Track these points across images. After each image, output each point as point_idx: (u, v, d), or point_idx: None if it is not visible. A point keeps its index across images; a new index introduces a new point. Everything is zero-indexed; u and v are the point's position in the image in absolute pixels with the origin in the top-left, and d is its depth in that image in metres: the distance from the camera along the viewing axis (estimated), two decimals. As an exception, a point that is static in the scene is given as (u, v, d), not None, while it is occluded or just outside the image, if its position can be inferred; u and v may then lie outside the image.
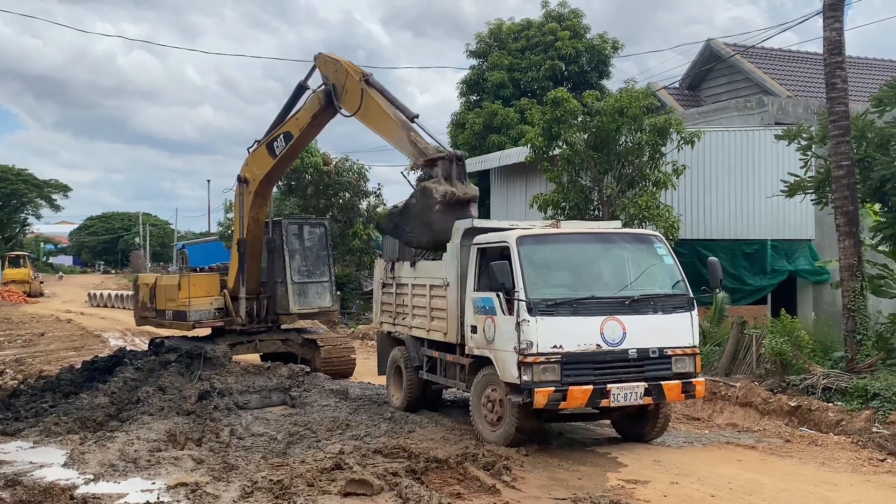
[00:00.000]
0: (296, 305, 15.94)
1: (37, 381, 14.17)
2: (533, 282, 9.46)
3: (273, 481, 8.18)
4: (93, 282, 62.94)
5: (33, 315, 35.07)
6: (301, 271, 16.21)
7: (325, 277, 16.47)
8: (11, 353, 21.57)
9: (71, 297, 49.58)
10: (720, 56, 27.50)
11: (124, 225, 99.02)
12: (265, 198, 15.85)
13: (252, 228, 15.77)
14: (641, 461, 9.35)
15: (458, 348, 10.84)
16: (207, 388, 12.52)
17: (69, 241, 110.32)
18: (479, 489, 8.07)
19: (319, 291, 16.33)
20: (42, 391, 13.24)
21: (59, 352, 21.43)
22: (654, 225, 15.66)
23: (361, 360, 17.55)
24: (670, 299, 9.88)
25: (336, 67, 13.51)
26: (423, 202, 11.49)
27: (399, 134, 12.55)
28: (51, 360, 19.64)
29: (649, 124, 16.17)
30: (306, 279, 16.22)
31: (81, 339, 25.34)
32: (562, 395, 9.15)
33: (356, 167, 31.84)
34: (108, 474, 8.65)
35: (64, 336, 26.15)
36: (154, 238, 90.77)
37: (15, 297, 45.06)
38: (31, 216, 74.51)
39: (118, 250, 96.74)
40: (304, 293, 16.14)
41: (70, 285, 63.35)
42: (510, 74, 27.41)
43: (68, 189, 74.40)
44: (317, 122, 14.24)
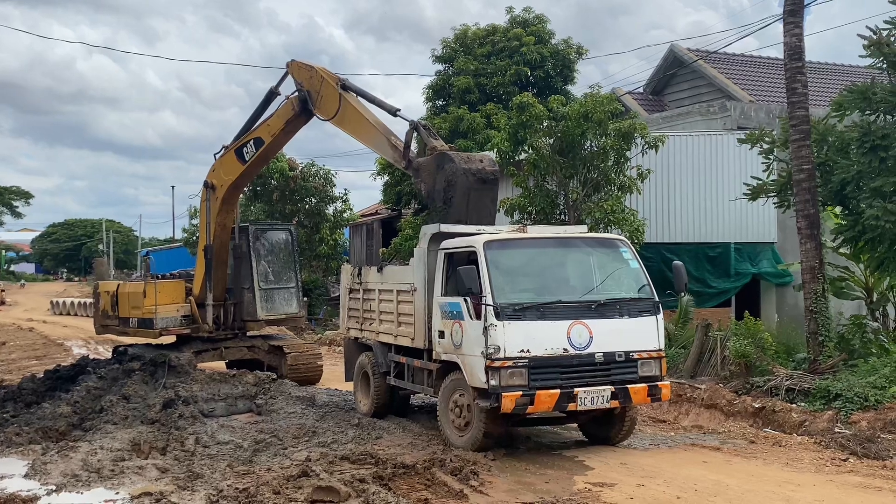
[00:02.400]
0: (263, 311, 15.83)
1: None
2: (500, 286, 9.47)
3: (239, 489, 8.11)
4: (55, 290, 62.07)
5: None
6: (267, 277, 16.09)
7: (292, 283, 16.36)
8: (-29, 362, 21.19)
9: (33, 305, 48.84)
10: (683, 61, 27.78)
11: (87, 232, 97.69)
12: (232, 203, 15.72)
13: (219, 234, 15.62)
14: (608, 464, 9.39)
15: (426, 353, 10.83)
16: (172, 396, 12.36)
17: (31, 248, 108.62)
18: (447, 494, 8.06)
19: (286, 297, 16.22)
20: (3, 401, 13.00)
21: (20, 361, 21.11)
22: (620, 229, 15.77)
23: (329, 367, 17.47)
24: (636, 303, 9.95)
25: (311, 74, 13.42)
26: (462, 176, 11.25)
27: (379, 138, 12.49)
28: (12, 369, 19.33)
29: (614, 129, 16.29)
30: (273, 285, 16.10)
31: (44, 347, 24.97)
32: (529, 399, 9.17)
33: (322, 172, 31.72)
34: (71, 485, 8.54)
35: (25, 345, 25.74)
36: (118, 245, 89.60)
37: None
38: (-9, 223, 73.23)
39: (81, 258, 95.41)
40: (270, 299, 16.02)
41: (32, 293, 62.39)
42: (476, 80, 27.44)
43: (30, 196, 73.13)
44: (289, 128, 14.11)
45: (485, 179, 11.38)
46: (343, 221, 32.82)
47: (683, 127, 22.29)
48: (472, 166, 11.28)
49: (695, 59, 26.98)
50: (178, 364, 13.68)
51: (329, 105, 13.14)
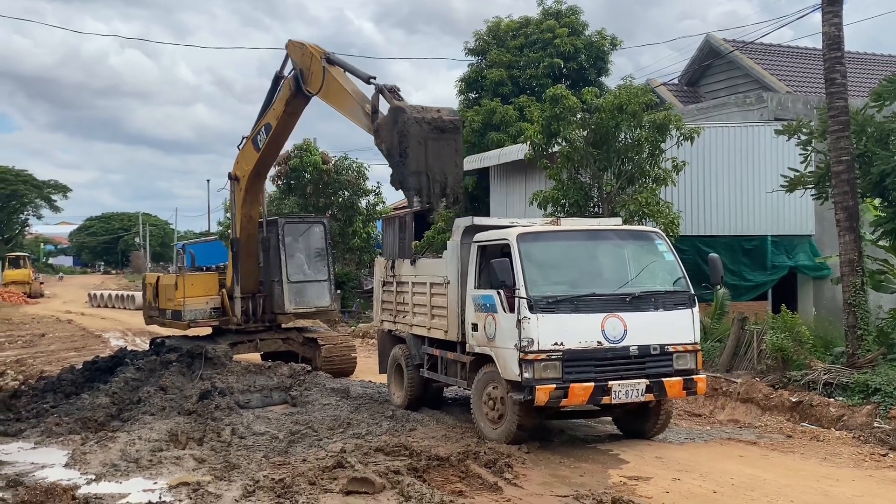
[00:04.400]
0: (291, 305, 15.86)
1: (38, 382, 14.18)
2: (533, 279, 9.46)
3: (275, 480, 8.19)
4: (93, 282, 62.94)
5: (34, 316, 35.07)
6: (298, 270, 16.10)
7: (324, 276, 16.36)
8: (12, 353, 21.56)
9: (71, 297, 49.58)
10: (719, 52, 27.47)
11: (124, 225, 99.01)
12: (256, 194, 15.76)
13: (245, 226, 15.74)
14: (643, 458, 9.35)
15: (459, 346, 10.84)
16: (209, 387, 12.51)
17: (69, 241, 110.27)
18: (481, 487, 8.07)
19: (317, 291, 16.21)
20: (43, 392, 13.23)
21: (59, 352, 21.44)
22: (654, 221, 15.63)
23: (362, 359, 17.55)
24: (671, 296, 9.88)
25: (302, 51, 13.36)
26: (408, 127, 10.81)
27: (355, 107, 12.19)
28: (52, 360, 19.64)
29: (648, 121, 16.14)
30: (303, 278, 16.11)
31: (82, 339, 25.34)
32: (563, 392, 9.15)
33: (355, 165, 31.82)
34: (110, 474, 8.66)
35: (64, 336, 26.15)
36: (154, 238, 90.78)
37: (15, 299, 45.05)
38: (31, 217, 74.49)
39: (118, 251, 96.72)
40: (300, 292, 16.03)
41: (70, 286, 63.35)
42: (509, 72, 27.35)
43: (68, 190, 74.36)
44: (290, 109, 14.08)
45: (442, 128, 10.93)
46: (376, 214, 32.91)
47: (719, 118, 22.05)
48: (427, 115, 10.88)
49: (731, 50, 26.67)
50: (215, 356, 13.82)
51: (316, 80, 13.03)
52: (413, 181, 10.84)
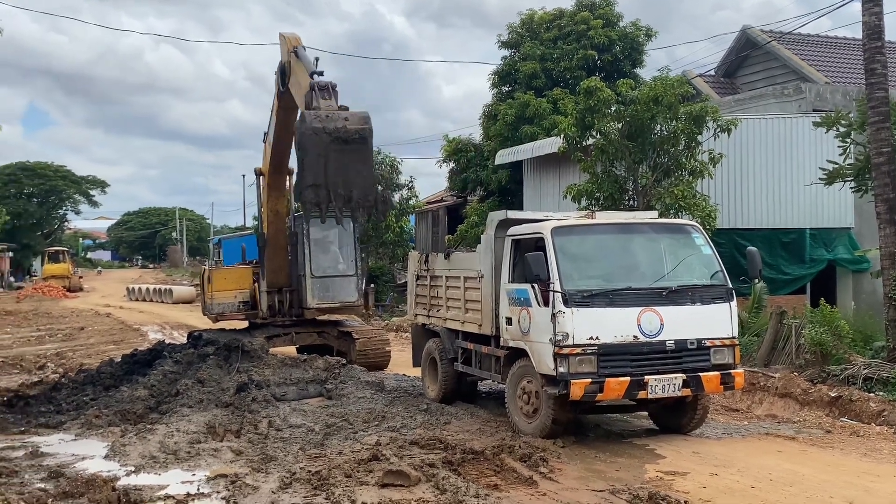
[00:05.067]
0: (314, 299, 15.83)
1: (77, 375, 14.36)
2: (568, 273, 9.41)
3: (311, 472, 8.24)
4: (131, 276, 63.83)
5: (73, 309, 35.62)
6: (322, 265, 16.08)
7: (350, 271, 16.22)
8: (52, 346, 21.93)
9: (110, 291, 50.29)
10: (756, 43, 27.13)
11: (161, 220, 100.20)
12: (279, 189, 15.77)
13: (272, 221, 15.84)
14: (680, 453, 9.28)
15: (493, 340, 10.84)
16: (245, 380, 12.62)
17: (107, 236, 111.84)
18: (516, 481, 8.06)
19: (343, 286, 16.07)
20: (83, 384, 13.40)
21: (98, 345, 21.76)
22: (691, 214, 15.50)
23: (396, 352, 17.60)
24: (709, 290, 9.78)
25: (284, 44, 13.16)
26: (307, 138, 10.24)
27: (301, 98, 11.83)
28: (91, 353, 19.93)
29: (685, 112, 15.99)
30: (328, 273, 16.08)
31: (121, 332, 25.69)
32: (598, 386, 9.10)
33: (388, 160, 31.88)
34: (149, 466, 8.76)
35: (103, 330, 26.53)
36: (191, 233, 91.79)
37: (55, 292, 45.78)
38: (69, 212, 75.58)
39: (155, 245, 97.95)
40: (325, 287, 15.94)
41: (108, 280, 64.29)
42: (542, 65, 27.22)
43: (106, 185, 75.27)
44: (282, 103, 13.96)
45: (346, 139, 10.27)
46: (409, 208, 32.97)
47: (756, 110, 21.80)
48: (330, 125, 10.21)
49: (768, 41, 26.34)
50: (251, 349, 13.93)
51: (289, 73, 12.87)
52: (310, 194, 10.44)
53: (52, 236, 73.37)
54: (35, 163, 68.77)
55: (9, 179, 63.95)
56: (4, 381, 15.47)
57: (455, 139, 29.25)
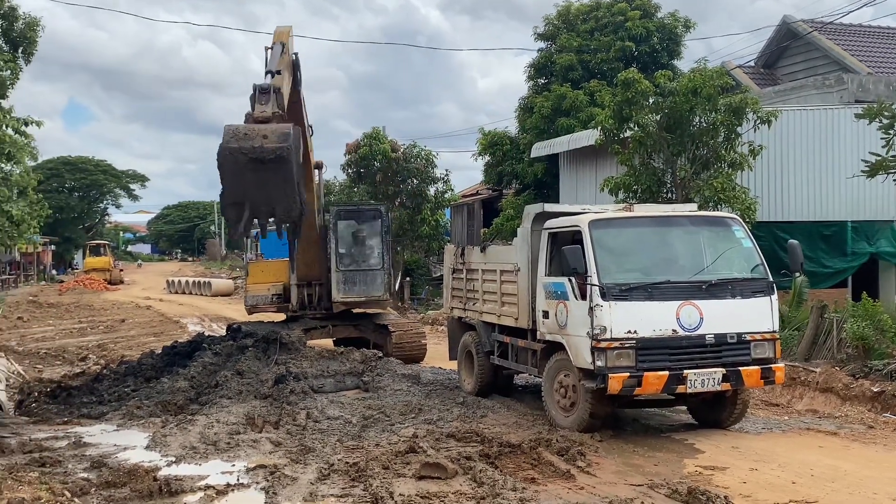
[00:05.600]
0: (339, 293, 15.91)
1: (119, 366, 14.57)
2: (606, 266, 9.36)
3: (349, 464, 8.30)
4: (170, 269, 64.59)
5: (114, 302, 36.15)
6: (348, 259, 16.14)
7: (377, 265, 16.24)
8: (94, 338, 22.29)
9: (150, 284, 50.94)
10: (797, 33, 26.70)
11: (200, 213, 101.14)
12: (305, 183, 15.78)
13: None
14: (719, 447, 9.20)
15: (530, 333, 10.82)
16: (283, 372, 12.74)
17: (147, 229, 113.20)
18: (554, 474, 8.05)
19: (369, 280, 16.13)
20: (124, 376, 13.59)
21: (139, 337, 22.06)
22: (730, 207, 15.31)
23: (432, 346, 17.64)
24: (749, 283, 9.68)
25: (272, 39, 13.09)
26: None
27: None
28: (132, 345, 20.22)
29: (724, 104, 15.78)
30: (354, 267, 16.10)
31: (161, 324, 26.03)
32: (637, 380, 9.05)
33: (424, 153, 31.86)
34: (190, 456, 8.86)
35: (144, 322, 26.89)
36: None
37: (96, 285, 46.45)
38: (110, 206, 76.59)
39: (194, 238, 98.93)
40: (350, 281, 16.00)
41: (149, 273, 65.14)
42: (579, 56, 27.02)
43: (146, 179, 76.19)
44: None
45: (262, 160, 9.86)
46: (444, 202, 32.93)
47: (797, 101, 21.46)
48: (246, 144, 9.85)
49: (809, 31, 25.91)
50: (289, 341, 14.05)
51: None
52: (230, 212, 10.36)
53: (92, 230, 74.44)
54: (76, 157, 69.82)
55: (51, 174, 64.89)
56: (47, 373, 15.78)
57: (491, 132, 29.17)
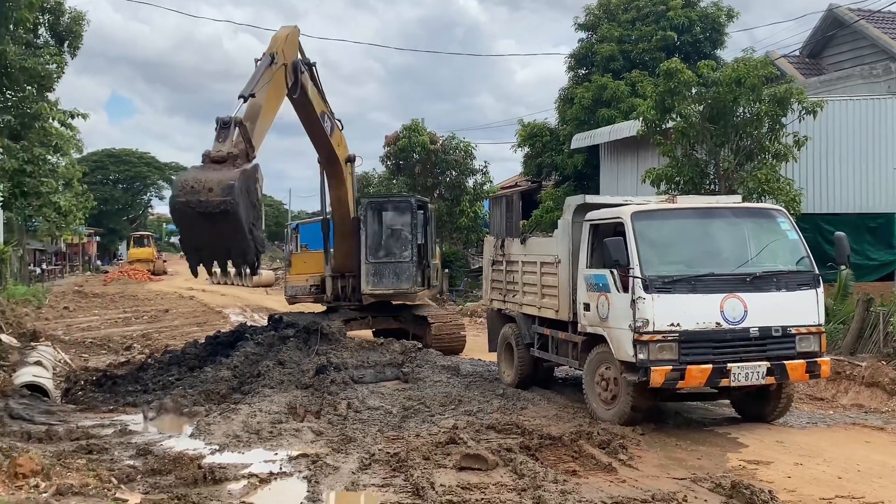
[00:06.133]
0: (368, 286, 15.94)
1: (163, 356, 14.75)
2: (648, 258, 9.28)
3: (390, 454, 8.35)
4: (211, 260, 65.12)
5: (158, 292, 36.67)
6: (377, 251, 16.15)
7: (406, 258, 16.18)
8: (138, 328, 22.63)
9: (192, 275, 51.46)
10: (843, 22, 26.19)
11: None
12: (336, 177, 15.79)
13: (336, 208, 16.03)
14: (763, 442, 9.10)
15: (570, 326, 10.77)
16: (324, 362, 12.82)
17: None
18: (595, 467, 8.01)
19: (397, 272, 16.09)
20: (168, 365, 13.76)
21: (182, 327, 22.35)
22: (774, 199, 15.12)
23: (471, 337, 17.64)
24: (794, 276, 9.54)
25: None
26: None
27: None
28: (175, 335, 20.49)
29: (769, 94, 15.56)
30: (382, 259, 16.09)
31: (203, 315, 26.34)
32: (679, 374, 8.97)
33: (462, 145, 31.88)
34: (233, 445, 8.96)
35: (187, 312, 27.24)
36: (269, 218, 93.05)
37: (140, 276, 47.20)
38: (153, 198, 77.69)
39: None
40: (379, 273, 16.01)
41: (190, 264, 65.74)
42: (620, 47, 26.83)
43: (187, 171, 76.99)
44: (294, 103, 13.97)
45: (208, 214, 10.00)
46: (483, 194, 32.94)
47: (843, 91, 21.11)
48: (194, 198, 9.99)
49: (856, 20, 25.40)
50: (330, 332, 14.13)
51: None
52: (191, 257, 10.80)
53: (136, 221, 75.65)
54: (120, 150, 70.94)
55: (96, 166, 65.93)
56: (93, 361, 16.05)
57: (530, 123, 29.07)
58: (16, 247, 34.64)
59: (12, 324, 19.76)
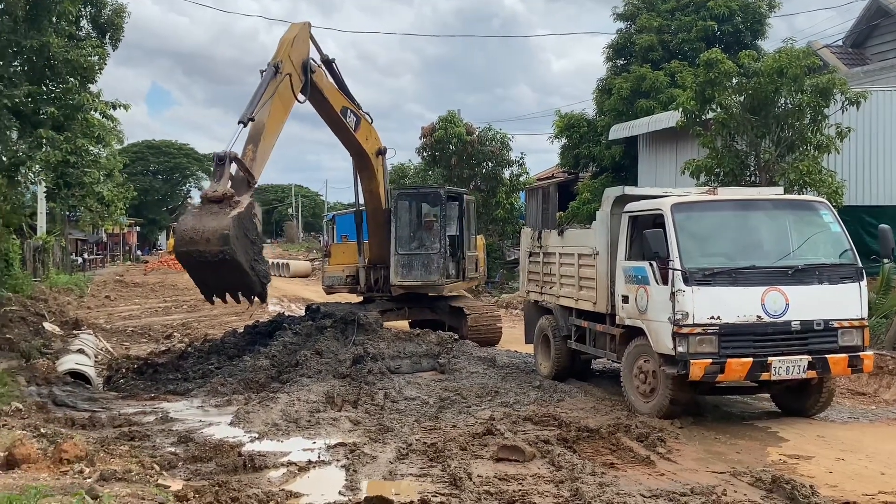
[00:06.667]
0: (396, 277, 15.96)
1: (203, 344, 14.95)
2: (689, 250, 9.20)
3: (427, 444, 8.39)
4: (249, 251, 65.71)
5: (196, 282, 36.92)
6: (407, 243, 16.15)
7: (434, 249, 16.07)
8: (178, 317, 22.92)
9: (230, 265, 51.87)
10: (888, 11, 25.66)
11: (277, 196, 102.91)
12: (366, 170, 15.83)
13: (368, 200, 16.10)
14: (804, 436, 9.00)
15: (608, 318, 10.72)
16: (361, 352, 12.88)
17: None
18: (633, 460, 7.98)
19: (425, 264, 16.02)
20: (208, 354, 13.94)
21: (221, 316, 22.55)
22: (816, 191, 14.89)
23: (506, 329, 17.62)
24: (837, 269, 9.40)
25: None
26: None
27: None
28: (214, 324, 20.72)
29: (811, 85, 15.30)
30: (411, 251, 16.08)
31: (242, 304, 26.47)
32: (719, 367, 8.89)
33: (499, 136, 31.79)
34: (272, 433, 9.06)
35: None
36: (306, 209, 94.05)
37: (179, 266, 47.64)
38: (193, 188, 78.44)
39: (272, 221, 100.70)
40: (407, 265, 15.97)
41: (228, 254, 66.31)
42: (659, 37, 26.55)
43: (227, 163, 77.53)
44: (312, 102, 14.14)
45: (208, 262, 10.88)
46: (519, 185, 32.83)
47: (887, 81, 20.72)
48: (192, 248, 10.85)
49: (902, 7, 24.87)
50: (366, 322, 14.19)
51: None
52: (203, 290, 12.06)
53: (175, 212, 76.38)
54: (160, 141, 71.88)
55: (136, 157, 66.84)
56: (134, 350, 16.29)
57: (567, 114, 28.88)
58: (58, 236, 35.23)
59: (55, 312, 20.13)
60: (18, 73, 14.64)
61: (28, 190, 23.96)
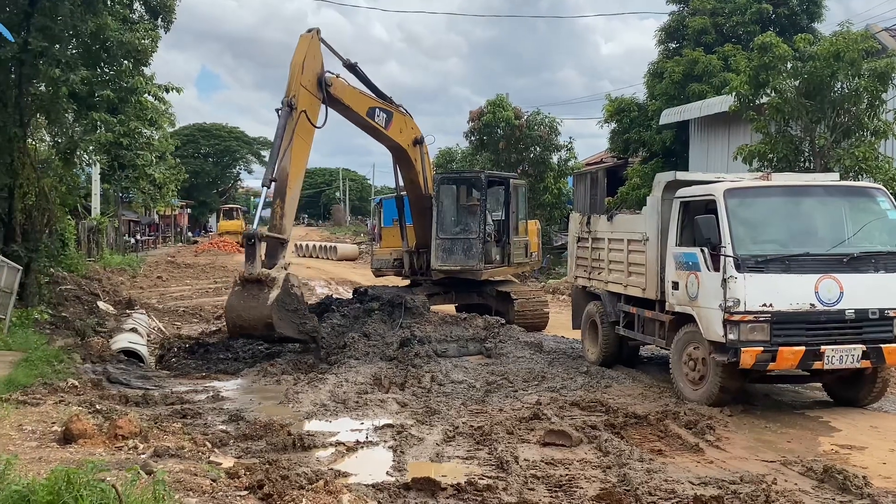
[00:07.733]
0: (436, 261, 15.94)
1: (252, 326, 15.10)
2: (741, 237, 9.08)
3: (474, 427, 8.42)
4: (298, 234, 66.39)
5: (246, 264, 37.34)
6: (447, 228, 16.14)
7: (473, 234, 15.92)
8: (228, 298, 23.16)
9: (278, 247, 52.43)
10: (952, -9, 24.95)
11: (325, 180, 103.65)
12: (404, 160, 15.83)
13: (409, 189, 16.13)
14: (856, 426, 8.85)
15: (658, 304, 10.63)
16: (408, 335, 12.96)
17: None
18: (682, 447, 7.92)
19: (465, 248, 15.91)
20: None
21: (270, 298, 22.76)
22: (873, 177, 14.57)
23: (553, 314, 17.58)
24: (893, 257, 9.20)
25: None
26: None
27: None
28: (263, 306, 20.88)
29: (869, 69, 14.95)
30: (452, 236, 16.02)
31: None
32: (770, 355, 8.77)
33: (547, 121, 31.58)
34: (320, 413, 9.19)
35: (274, 284, 27.68)
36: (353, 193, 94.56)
37: (229, 248, 48.30)
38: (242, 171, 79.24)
39: (320, 204, 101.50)
40: (448, 250, 15.90)
41: (277, 237, 67.01)
42: (713, 20, 26.15)
43: (275, 146, 78.14)
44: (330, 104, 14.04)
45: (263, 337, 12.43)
46: (567, 170, 32.63)
47: (950, 65, 20.06)
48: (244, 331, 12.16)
49: (966, -11, 24.13)
50: (413, 306, 14.25)
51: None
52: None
53: (225, 194, 77.32)
54: (210, 124, 72.48)
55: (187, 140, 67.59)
56: (186, 329, 16.57)
57: (617, 99, 28.60)
58: (112, 217, 35.90)
59: (109, 292, 20.56)
60: (75, 57, 14.89)
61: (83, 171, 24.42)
